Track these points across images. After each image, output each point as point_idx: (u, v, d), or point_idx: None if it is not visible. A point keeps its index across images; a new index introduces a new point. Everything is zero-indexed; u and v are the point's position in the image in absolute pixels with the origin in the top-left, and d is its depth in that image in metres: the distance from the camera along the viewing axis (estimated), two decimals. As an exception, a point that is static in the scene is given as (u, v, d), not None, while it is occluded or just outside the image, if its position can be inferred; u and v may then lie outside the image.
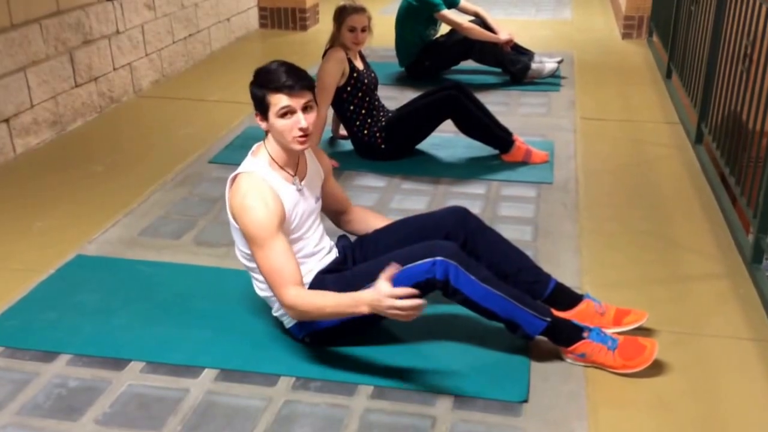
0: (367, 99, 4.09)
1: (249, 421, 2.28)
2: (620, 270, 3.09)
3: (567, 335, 2.51)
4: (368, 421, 2.28)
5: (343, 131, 4.39)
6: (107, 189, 3.86)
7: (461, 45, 5.30)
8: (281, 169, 2.53)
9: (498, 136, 4.06)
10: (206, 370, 2.50)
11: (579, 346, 2.49)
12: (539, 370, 2.49)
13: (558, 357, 2.54)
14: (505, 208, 3.61)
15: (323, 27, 7.25)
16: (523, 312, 2.46)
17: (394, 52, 5.58)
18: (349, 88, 4.03)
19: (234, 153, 4.28)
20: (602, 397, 2.38)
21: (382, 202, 3.68)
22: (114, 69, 5.11)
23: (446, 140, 4.32)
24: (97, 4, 4.85)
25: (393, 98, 4.84)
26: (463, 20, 5.28)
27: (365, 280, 2.40)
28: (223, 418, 2.30)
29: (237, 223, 2.46)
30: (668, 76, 5.30)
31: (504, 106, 4.93)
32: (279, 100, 2.41)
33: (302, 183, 2.57)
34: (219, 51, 6.49)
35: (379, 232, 2.78)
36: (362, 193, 3.76)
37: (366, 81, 4.08)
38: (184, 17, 5.95)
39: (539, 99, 5.12)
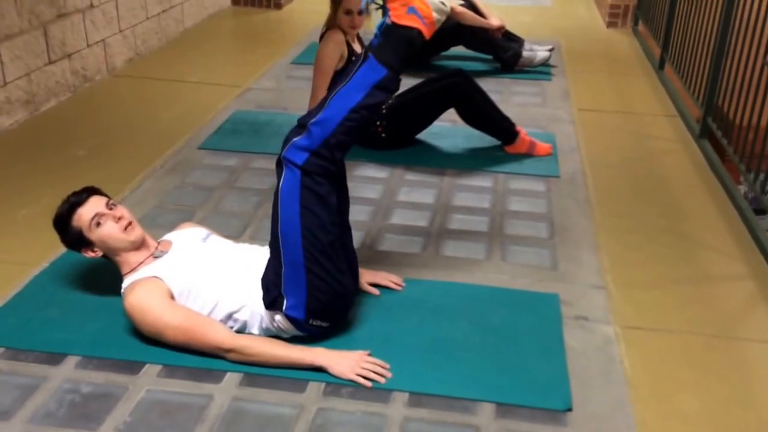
0: (366, 85, 3.93)
1: (283, 431, 2.14)
2: (642, 269, 3.01)
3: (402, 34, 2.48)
4: (409, 431, 2.16)
5: (337, 117, 4.22)
6: (94, 175, 3.61)
7: (453, 30, 5.08)
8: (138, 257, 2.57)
9: (502, 127, 3.94)
10: (228, 374, 2.34)
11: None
12: (576, 373, 2.39)
13: (594, 356, 2.46)
14: (515, 202, 3.50)
15: (298, 6, 7.04)
16: (357, 75, 2.41)
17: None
18: (347, 73, 3.88)
19: (225, 139, 4.09)
20: (647, 405, 2.29)
21: (388, 194, 3.54)
22: (88, 45, 4.85)
23: (445, 129, 4.18)
24: (72, -24, 4.60)
25: (382, 84, 4.67)
26: (454, 4, 5.13)
27: None
28: (255, 427, 2.15)
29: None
30: (661, 67, 5.24)
31: (497, 94, 4.80)
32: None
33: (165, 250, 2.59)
34: (192, 28, 6.23)
35: None
36: (366, 185, 3.61)
37: (365, 66, 3.92)
38: (159, -9, 5.70)
39: (532, 88, 5.01)
